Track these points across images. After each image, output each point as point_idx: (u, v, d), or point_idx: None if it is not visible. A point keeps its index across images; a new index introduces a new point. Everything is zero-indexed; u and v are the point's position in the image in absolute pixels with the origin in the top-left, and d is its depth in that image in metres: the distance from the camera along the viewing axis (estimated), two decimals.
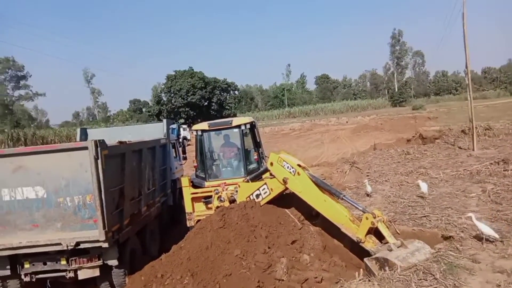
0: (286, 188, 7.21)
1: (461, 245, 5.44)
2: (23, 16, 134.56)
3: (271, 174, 7.51)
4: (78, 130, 10.87)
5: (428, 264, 4.88)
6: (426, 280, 4.51)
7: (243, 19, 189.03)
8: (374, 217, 5.64)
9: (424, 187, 8.15)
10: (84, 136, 10.51)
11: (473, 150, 13.17)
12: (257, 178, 8.04)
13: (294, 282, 5.75)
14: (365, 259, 5.41)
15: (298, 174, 6.75)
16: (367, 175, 11.58)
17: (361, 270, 5.17)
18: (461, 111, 37.51)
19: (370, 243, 5.78)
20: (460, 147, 14.30)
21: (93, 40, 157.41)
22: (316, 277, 5.79)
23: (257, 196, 7.61)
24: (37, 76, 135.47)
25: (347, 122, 48.65)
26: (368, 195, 9.03)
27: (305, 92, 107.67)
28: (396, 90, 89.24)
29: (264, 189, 7.54)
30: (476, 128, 14.05)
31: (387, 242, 5.55)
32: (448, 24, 63.20)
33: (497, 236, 5.31)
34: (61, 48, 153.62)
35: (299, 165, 6.88)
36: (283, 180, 7.01)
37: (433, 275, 4.56)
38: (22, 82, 72.68)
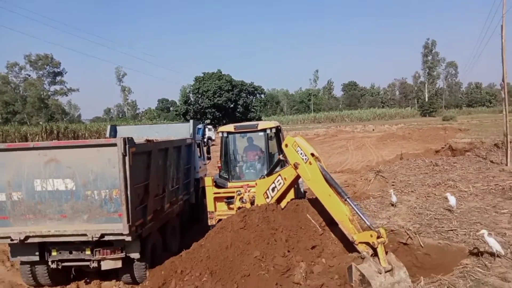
0: (299, 177, 7.12)
1: (490, 262, 5.22)
2: (61, 15, 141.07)
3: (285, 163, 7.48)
4: (108, 126, 11.19)
5: (453, 279, 4.71)
6: None
7: (273, 24, 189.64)
8: (378, 237, 5.43)
9: (452, 200, 7.88)
10: (114, 132, 10.81)
11: (506, 165, 12.63)
12: (272, 171, 8.01)
13: (311, 287, 5.68)
14: (353, 264, 5.38)
15: (310, 163, 6.68)
16: (392, 185, 11.32)
17: None
18: (495, 124, 36.10)
19: (363, 246, 5.69)
20: (492, 161, 13.75)
21: (126, 40, 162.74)
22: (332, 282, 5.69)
23: (273, 189, 7.58)
24: (72, 73, 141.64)
25: (373, 130, 47.82)
26: (392, 205, 8.83)
27: (331, 98, 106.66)
28: (427, 100, 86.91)
29: (278, 180, 7.49)
30: (510, 142, 13.47)
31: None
32: (485, 36, 60.91)
33: (502, 252, 5.30)
34: (96, 47, 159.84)
35: (312, 154, 6.80)
36: (294, 164, 6.95)
37: None
38: (58, 78, 76.13)
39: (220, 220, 7.94)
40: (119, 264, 6.92)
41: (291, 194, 8.71)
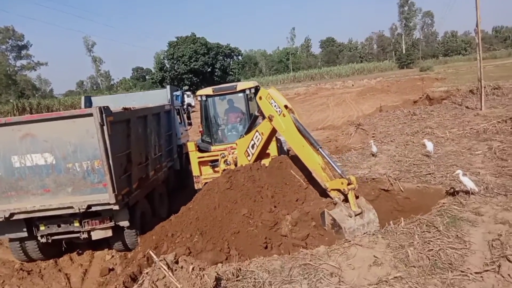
0: (275, 130, 7.23)
1: (465, 199, 5.51)
2: None
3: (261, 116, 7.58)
4: (82, 98, 10.85)
5: (431, 217, 4.97)
6: (429, 232, 4.62)
7: None
8: (349, 184, 5.71)
9: (429, 146, 8.15)
10: (89, 103, 10.50)
11: (481, 109, 13.01)
12: (250, 129, 8.05)
13: (298, 239, 5.90)
14: (325, 209, 5.69)
15: (283, 115, 6.80)
16: (373, 136, 11.58)
17: None
18: (470, 71, 36.74)
19: (335, 193, 5.98)
20: (467, 107, 14.13)
21: (93, 7, 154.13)
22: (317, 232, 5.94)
23: (252, 146, 7.68)
24: (38, 45, 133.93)
25: (352, 85, 47.99)
26: (373, 155, 9.08)
27: (310, 56, 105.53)
28: (404, 52, 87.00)
29: (256, 136, 7.59)
30: (484, 87, 13.79)
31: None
32: None
33: (476, 189, 5.59)
34: (60, 16, 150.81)
35: (286, 106, 6.90)
36: (269, 117, 7.07)
37: (436, 227, 4.66)
38: (23, 52, 72.18)
39: (206, 183, 8.02)
40: (109, 233, 6.97)
41: (274, 152, 8.82)
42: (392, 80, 44.77)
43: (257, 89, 9.75)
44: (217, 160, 8.92)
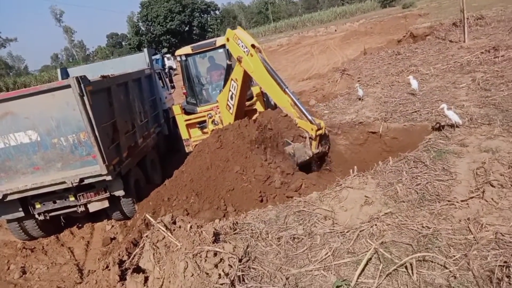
0: (248, 74, 7.27)
1: (450, 133, 5.61)
2: None
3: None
4: (58, 70, 10.48)
5: (418, 153, 5.08)
6: (417, 168, 4.74)
7: None
8: (318, 129, 6.31)
9: (414, 83, 8.15)
10: (66, 76, 10.14)
11: (464, 41, 12.87)
12: (226, 81, 8.04)
13: (292, 190, 6.04)
14: (292, 143, 6.49)
15: (251, 55, 6.82)
16: (358, 80, 11.52)
17: (355, 167, 5.38)
18: (453, 3, 35.87)
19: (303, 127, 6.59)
20: (451, 41, 13.97)
21: None
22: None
23: (231, 97, 7.74)
24: (3, 21, 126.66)
25: (335, 30, 46.84)
26: (359, 99, 9.08)
27: (289, 4, 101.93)
28: None
29: (232, 85, 7.64)
30: (467, 18, 13.55)
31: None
32: None
33: (460, 122, 5.73)
34: None
35: (253, 46, 6.85)
36: (237, 58, 7.11)
37: (423, 162, 4.78)
38: None
39: (196, 145, 8.01)
40: (106, 204, 7.05)
41: (260, 108, 8.76)
42: (375, 21, 43.74)
43: None
44: (204, 121, 8.85)
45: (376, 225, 3.82)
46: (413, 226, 3.67)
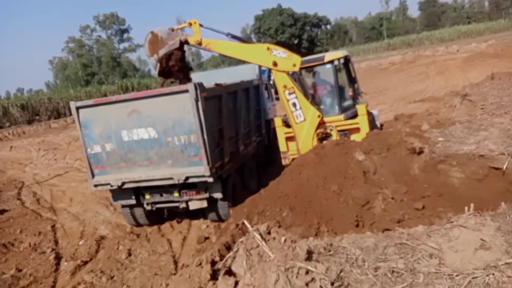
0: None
1: None
2: None
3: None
4: None
5: None
6: None
7: None
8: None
9: None
10: None
11: None
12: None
13: (392, 222, 5.57)
14: None
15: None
16: (482, 108, 10.20)
17: (471, 205, 4.70)
18: None
19: None
20: None
21: None
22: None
23: (294, 105, 7.83)
24: (137, 28, 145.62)
25: (458, 50, 42.64)
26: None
27: (407, 20, 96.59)
28: None
29: (286, 94, 7.77)
30: None
31: None
32: None
33: None
34: None
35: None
36: (274, 63, 7.59)
37: None
38: (125, 36, 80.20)
39: (294, 159, 8.00)
40: (204, 204, 7.45)
41: (366, 128, 8.35)
42: (508, 42, 38.68)
43: (346, 59, 9.24)
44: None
45: (493, 274, 3.27)
46: None
